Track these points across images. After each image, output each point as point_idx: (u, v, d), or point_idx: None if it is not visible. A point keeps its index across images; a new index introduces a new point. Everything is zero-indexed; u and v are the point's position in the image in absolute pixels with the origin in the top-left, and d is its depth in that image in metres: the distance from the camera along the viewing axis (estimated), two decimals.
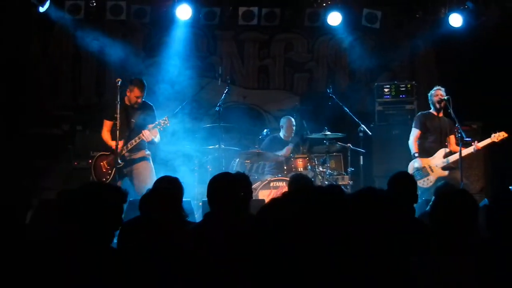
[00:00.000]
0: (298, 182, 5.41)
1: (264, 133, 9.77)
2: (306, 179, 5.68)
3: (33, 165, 9.64)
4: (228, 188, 3.80)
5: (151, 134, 7.54)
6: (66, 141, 9.92)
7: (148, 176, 7.66)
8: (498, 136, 7.88)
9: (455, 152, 7.96)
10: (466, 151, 7.85)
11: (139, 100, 7.73)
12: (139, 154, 7.79)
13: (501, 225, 3.24)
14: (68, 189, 3.37)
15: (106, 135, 7.79)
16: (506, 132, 7.92)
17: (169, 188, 4.55)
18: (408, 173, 6.00)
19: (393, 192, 4.69)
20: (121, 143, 7.51)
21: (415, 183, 5.03)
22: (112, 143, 7.58)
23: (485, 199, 7.54)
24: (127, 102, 7.75)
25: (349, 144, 9.34)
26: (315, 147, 9.61)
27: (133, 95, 7.67)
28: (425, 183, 8.00)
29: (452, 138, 8.21)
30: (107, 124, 7.79)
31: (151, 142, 7.73)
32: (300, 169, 8.82)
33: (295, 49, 11.43)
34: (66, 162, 9.44)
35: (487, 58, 10.15)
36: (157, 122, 7.59)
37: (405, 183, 4.82)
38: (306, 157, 9.03)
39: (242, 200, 3.85)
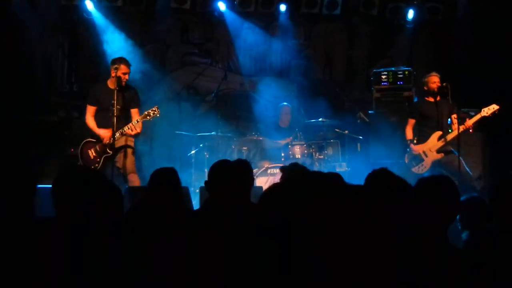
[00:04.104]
0: (292, 172, 5.30)
1: (261, 120, 9.77)
2: (299, 167, 5.51)
3: (29, 152, 9.58)
4: (229, 175, 3.72)
5: (135, 127, 7.30)
6: (62, 128, 9.88)
7: (131, 163, 7.52)
8: (488, 110, 7.69)
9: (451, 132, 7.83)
10: (456, 131, 7.62)
11: (127, 77, 7.46)
12: (122, 140, 7.52)
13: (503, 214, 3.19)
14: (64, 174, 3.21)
15: (91, 122, 7.57)
16: (499, 111, 7.70)
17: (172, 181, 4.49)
18: (385, 170, 5.90)
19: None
20: (109, 131, 7.24)
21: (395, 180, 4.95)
22: (100, 132, 7.42)
23: None
24: (110, 86, 7.43)
25: (346, 131, 9.35)
26: (313, 134, 9.59)
27: (121, 72, 7.33)
28: (420, 169, 7.90)
29: (455, 117, 7.95)
30: (90, 110, 7.61)
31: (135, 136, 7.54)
32: (298, 156, 8.81)
33: (293, 36, 11.36)
34: (63, 149, 9.39)
35: (484, 45, 10.12)
36: (146, 113, 7.31)
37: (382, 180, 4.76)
38: (303, 144, 9.02)
39: (243, 187, 3.79)
